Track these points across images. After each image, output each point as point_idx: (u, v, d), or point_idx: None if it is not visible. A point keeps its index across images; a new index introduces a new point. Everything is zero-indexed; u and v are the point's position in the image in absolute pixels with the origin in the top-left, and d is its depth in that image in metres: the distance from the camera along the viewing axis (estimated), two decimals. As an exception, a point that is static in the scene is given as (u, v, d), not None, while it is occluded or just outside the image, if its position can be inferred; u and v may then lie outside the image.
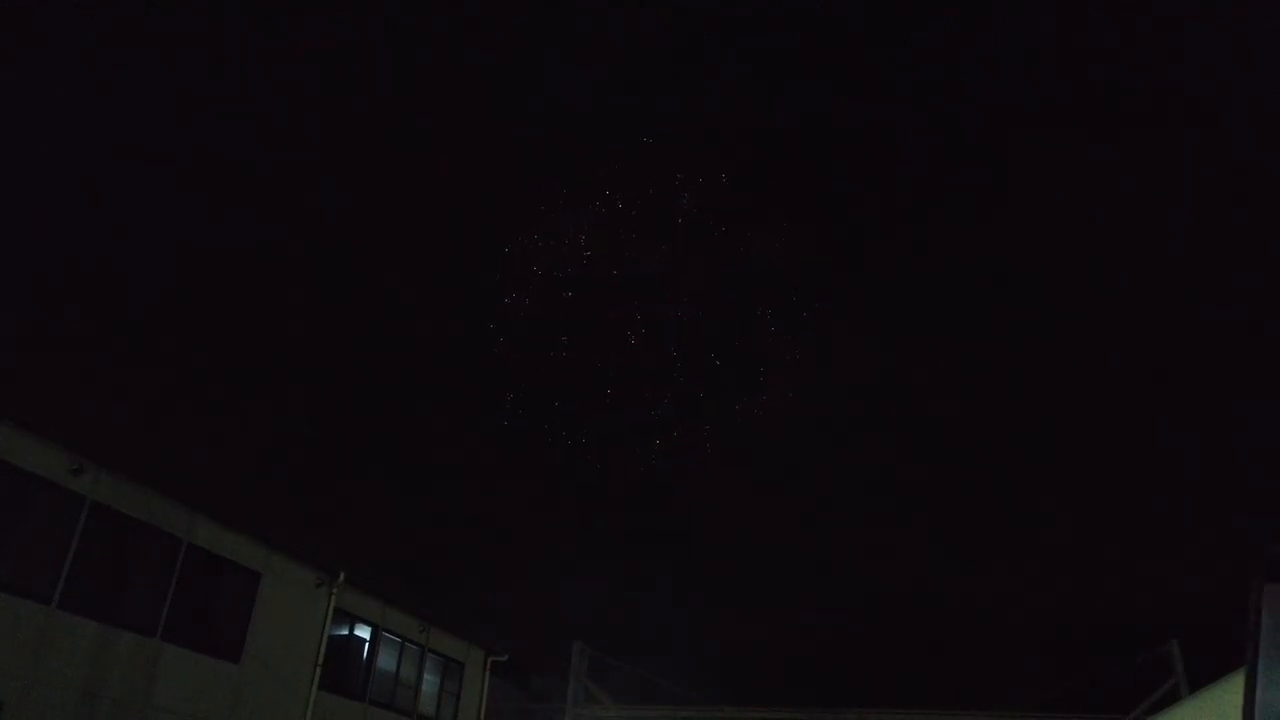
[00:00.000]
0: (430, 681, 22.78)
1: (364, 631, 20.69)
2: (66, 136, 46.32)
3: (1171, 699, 28.58)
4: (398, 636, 21.46)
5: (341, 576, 18.96)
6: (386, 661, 21.19)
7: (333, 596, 18.83)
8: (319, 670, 18.26)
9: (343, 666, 19.82)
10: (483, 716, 24.41)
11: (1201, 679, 24.93)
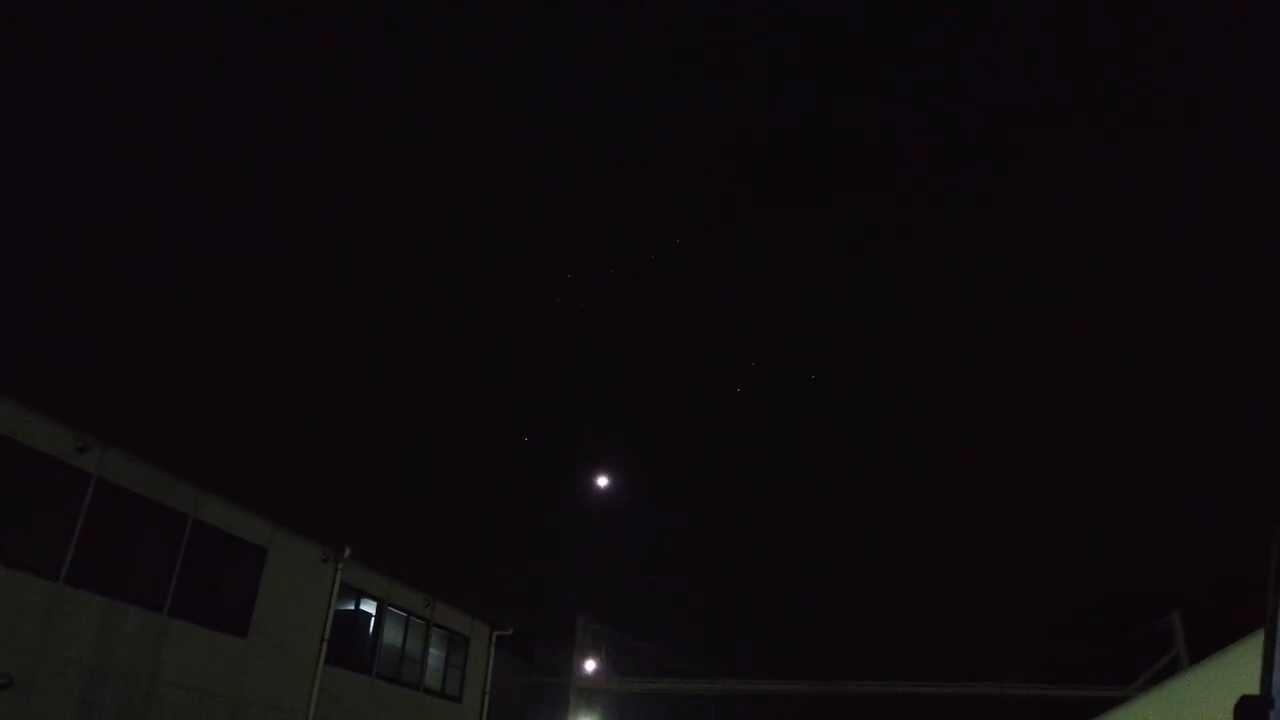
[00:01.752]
0: (436, 655, 22.92)
1: (369, 606, 20.79)
2: (66, 136, 46.00)
3: (1173, 669, 28.75)
4: (403, 611, 21.57)
5: (347, 552, 19.01)
6: (392, 636, 21.31)
7: (338, 572, 18.89)
8: (325, 645, 18.35)
9: (349, 641, 19.93)
10: (488, 690, 24.58)
11: (1201, 650, 25.11)
